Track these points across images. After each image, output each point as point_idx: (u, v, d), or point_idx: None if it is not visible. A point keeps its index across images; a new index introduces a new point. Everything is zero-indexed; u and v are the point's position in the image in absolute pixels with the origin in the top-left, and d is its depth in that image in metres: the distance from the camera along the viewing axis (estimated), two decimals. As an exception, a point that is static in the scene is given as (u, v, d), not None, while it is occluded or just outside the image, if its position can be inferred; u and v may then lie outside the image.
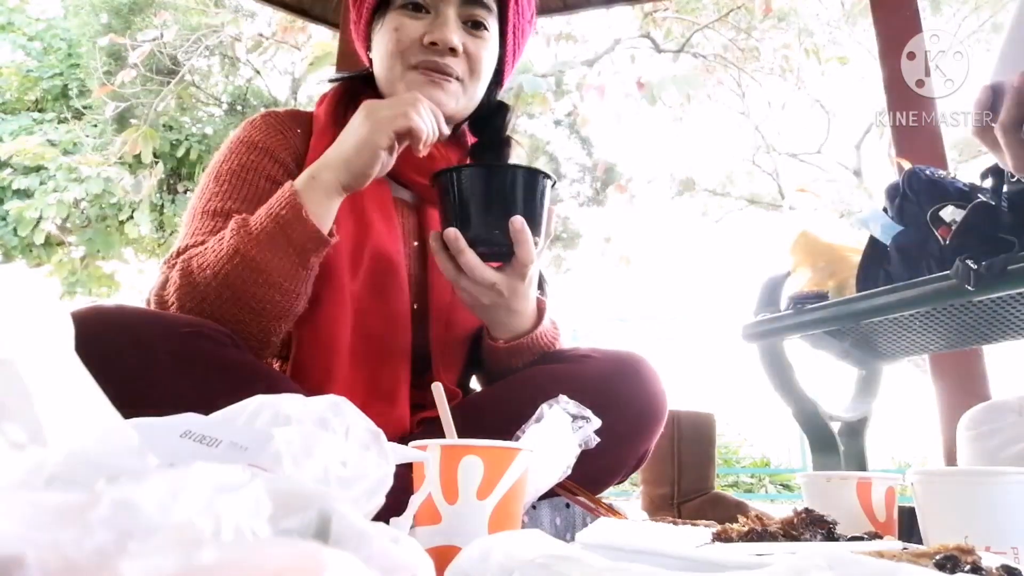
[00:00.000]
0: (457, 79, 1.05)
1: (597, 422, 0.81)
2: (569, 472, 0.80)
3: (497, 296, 0.95)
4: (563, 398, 0.82)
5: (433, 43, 1.01)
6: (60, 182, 6.90)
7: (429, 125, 0.92)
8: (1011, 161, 0.89)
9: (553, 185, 0.98)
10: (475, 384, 1.22)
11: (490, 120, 1.14)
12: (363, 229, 1.04)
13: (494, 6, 1.08)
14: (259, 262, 0.87)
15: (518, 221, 0.92)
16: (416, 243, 1.12)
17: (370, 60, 1.13)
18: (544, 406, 0.82)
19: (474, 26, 1.05)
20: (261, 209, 0.90)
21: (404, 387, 1.04)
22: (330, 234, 0.92)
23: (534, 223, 0.95)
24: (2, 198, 7.13)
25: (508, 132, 1.17)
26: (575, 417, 0.81)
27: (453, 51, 1.02)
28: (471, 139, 1.19)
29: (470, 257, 0.92)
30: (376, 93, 1.10)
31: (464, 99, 1.07)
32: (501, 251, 0.94)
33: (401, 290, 1.05)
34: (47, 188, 6.90)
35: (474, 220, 0.94)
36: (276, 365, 1.03)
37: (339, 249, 0.99)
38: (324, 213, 0.91)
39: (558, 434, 0.79)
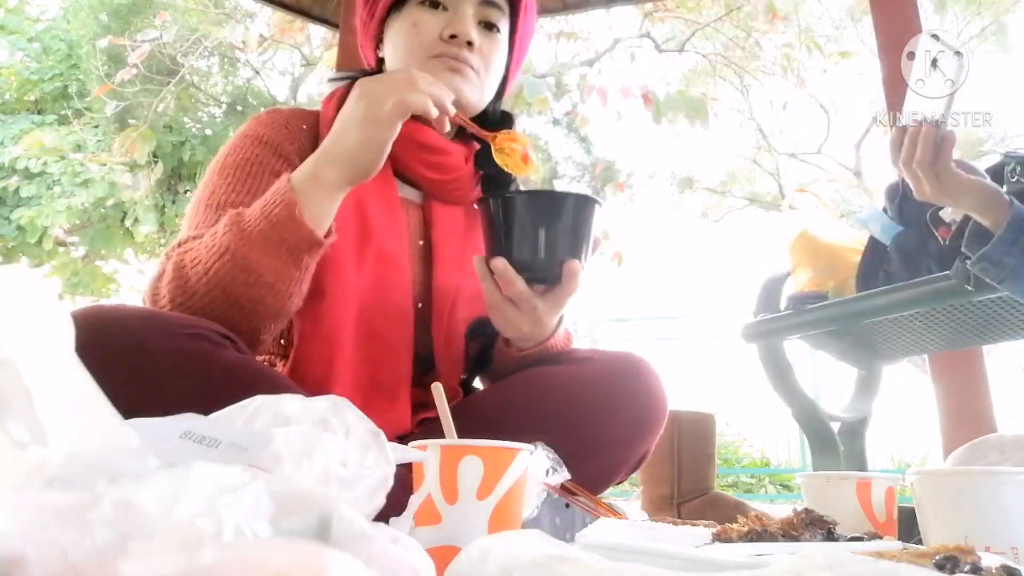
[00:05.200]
0: (474, 71, 1.06)
1: (566, 474, 0.79)
2: (536, 513, 0.78)
3: (536, 320, 0.97)
4: (542, 445, 0.78)
5: (452, 36, 1.04)
6: (67, 187, 6.86)
7: (437, 94, 0.89)
8: (913, 187, 1.16)
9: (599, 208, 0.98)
10: (478, 384, 1.22)
11: (495, 128, 1.12)
12: (367, 228, 1.04)
13: (507, 9, 1.11)
14: (251, 261, 0.85)
15: (575, 265, 0.93)
16: (421, 242, 1.12)
17: (378, 59, 1.14)
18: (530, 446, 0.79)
19: (488, 27, 1.08)
20: (256, 204, 0.88)
21: (405, 386, 1.04)
22: (328, 233, 0.90)
23: (581, 248, 0.95)
24: (7, 203, 7.10)
25: None
26: (551, 463, 0.78)
27: (470, 45, 1.04)
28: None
29: (520, 287, 0.93)
30: None
31: (479, 91, 1.08)
32: (548, 278, 0.95)
33: (404, 289, 1.05)
34: (54, 194, 6.86)
35: (524, 247, 0.94)
36: (278, 365, 1.03)
37: (344, 246, 0.99)
38: (324, 214, 0.89)
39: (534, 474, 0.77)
